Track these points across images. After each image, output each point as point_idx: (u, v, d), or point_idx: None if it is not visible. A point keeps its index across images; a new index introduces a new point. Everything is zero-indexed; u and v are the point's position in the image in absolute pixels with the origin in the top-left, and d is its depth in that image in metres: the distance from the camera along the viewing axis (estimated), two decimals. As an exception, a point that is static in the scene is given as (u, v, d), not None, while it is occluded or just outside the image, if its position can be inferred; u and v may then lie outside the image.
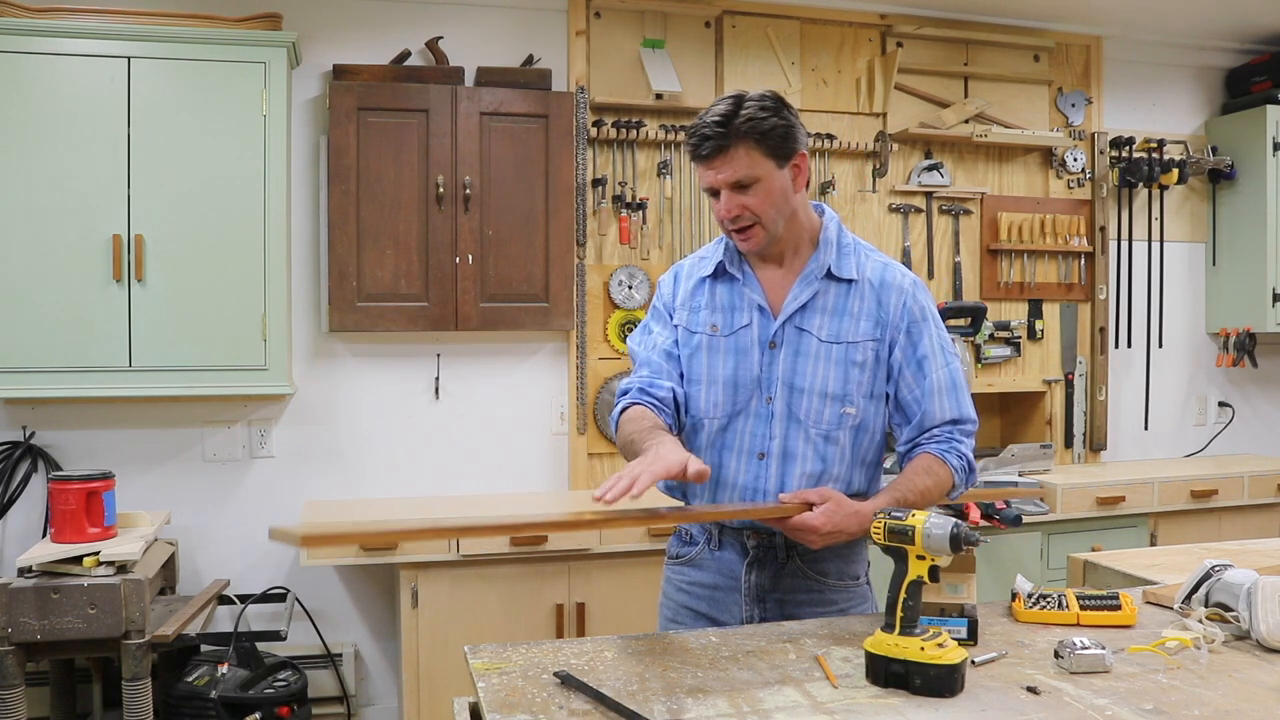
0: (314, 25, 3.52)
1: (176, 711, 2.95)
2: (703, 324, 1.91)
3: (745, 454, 1.86)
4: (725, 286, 1.92)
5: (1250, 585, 1.66)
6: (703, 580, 1.93)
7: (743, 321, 1.88)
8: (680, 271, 2.00)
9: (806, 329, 1.85)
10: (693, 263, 1.99)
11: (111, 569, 2.76)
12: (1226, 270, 4.51)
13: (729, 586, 1.89)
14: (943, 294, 4.17)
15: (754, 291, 1.88)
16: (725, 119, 1.75)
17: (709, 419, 1.88)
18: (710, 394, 1.88)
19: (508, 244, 3.49)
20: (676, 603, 1.97)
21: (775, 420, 1.84)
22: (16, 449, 3.32)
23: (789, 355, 1.85)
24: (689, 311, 1.94)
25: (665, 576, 2.03)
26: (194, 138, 3.14)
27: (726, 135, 1.75)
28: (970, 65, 4.15)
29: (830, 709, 1.37)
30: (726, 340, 1.88)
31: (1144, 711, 1.35)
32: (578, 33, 3.73)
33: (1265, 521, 4.05)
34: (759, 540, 1.87)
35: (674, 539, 2.02)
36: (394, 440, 3.64)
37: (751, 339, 1.87)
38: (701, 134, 1.77)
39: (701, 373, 1.90)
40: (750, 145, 1.75)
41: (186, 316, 3.15)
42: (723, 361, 1.88)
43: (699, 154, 1.79)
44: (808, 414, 1.83)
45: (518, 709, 1.37)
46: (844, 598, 1.90)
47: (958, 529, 1.43)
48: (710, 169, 1.78)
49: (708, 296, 1.92)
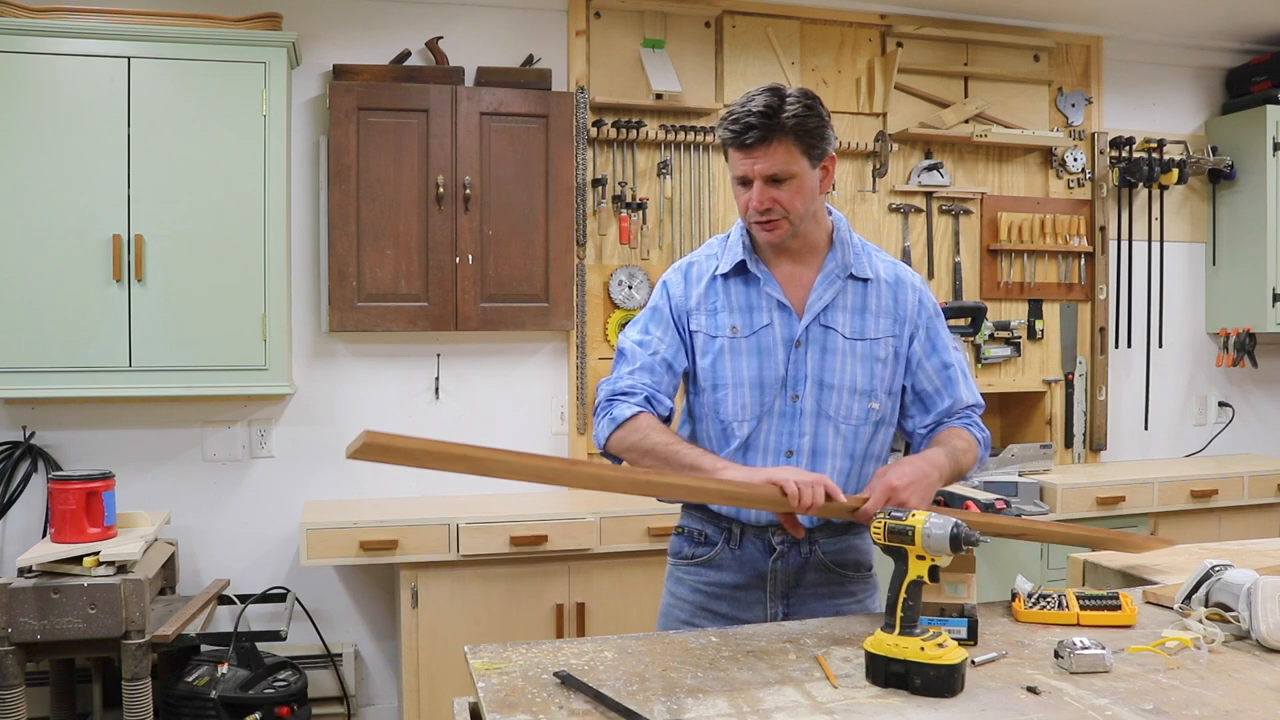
0: (314, 25, 3.52)
1: (176, 711, 2.95)
2: (723, 326, 1.87)
3: (772, 453, 1.85)
4: (740, 285, 1.89)
5: (1250, 585, 1.66)
6: (723, 580, 1.90)
7: (763, 321, 1.86)
8: (689, 272, 1.94)
9: (832, 326, 1.86)
10: (701, 261, 1.94)
11: (111, 569, 2.76)
12: (1226, 270, 4.51)
13: (753, 585, 1.89)
14: (943, 294, 4.17)
15: (774, 290, 1.87)
16: (771, 111, 1.74)
17: (739, 422, 1.86)
18: (737, 397, 1.85)
19: (508, 244, 3.49)
20: (693, 605, 1.92)
21: (805, 418, 1.84)
22: (16, 449, 3.32)
23: (816, 353, 1.85)
24: (706, 315, 1.89)
25: (674, 578, 1.98)
26: (194, 138, 3.14)
27: (771, 128, 1.75)
28: (970, 65, 4.15)
29: (830, 709, 1.37)
30: (748, 341, 1.86)
31: (1144, 711, 1.35)
32: (578, 33, 3.73)
33: (1265, 521, 4.05)
34: (784, 536, 1.86)
35: (681, 539, 1.98)
36: (394, 440, 3.63)
37: (775, 338, 1.85)
38: (746, 123, 1.75)
39: (726, 376, 1.86)
40: (791, 142, 1.76)
41: (186, 316, 3.15)
42: (746, 363, 1.85)
43: (742, 142, 1.76)
44: (838, 410, 1.85)
45: (518, 709, 1.37)
46: (861, 589, 1.94)
47: (958, 529, 1.43)
48: (749, 158, 1.77)
49: (722, 297, 1.89)
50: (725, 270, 1.89)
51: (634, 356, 1.90)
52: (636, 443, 1.81)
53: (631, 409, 1.83)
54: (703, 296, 1.90)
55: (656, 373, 1.88)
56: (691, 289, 1.91)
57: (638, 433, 1.81)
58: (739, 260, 1.88)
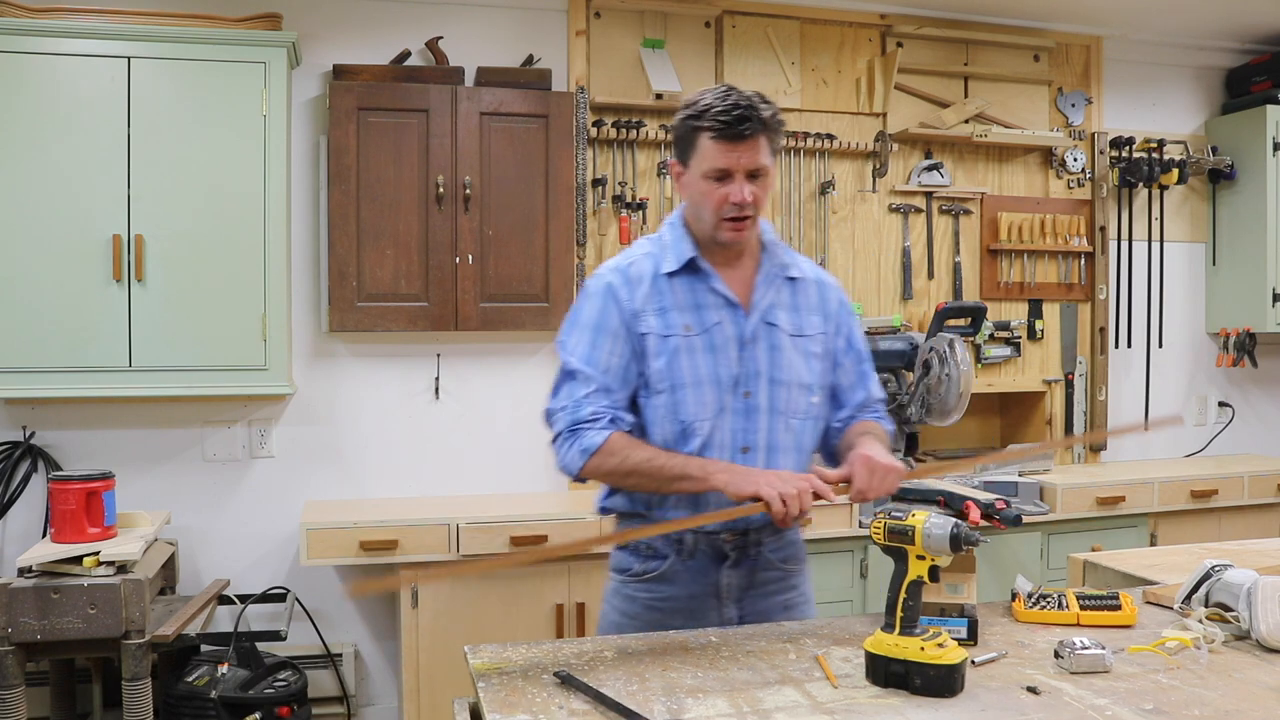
0: (314, 25, 3.52)
1: (176, 711, 2.95)
2: (675, 325, 1.84)
3: (728, 450, 1.85)
4: (685, 283, 1.86)
5: (1250, 585, 1.66)
6: (676, 594, 1.87)
7: (714, 319, 1.85)
8: (628, 273, 1.86)
9: (776, 323, 1.89)
10: (639, 260, 1.88)
11: (111, 569, 2.76)
12: (1226, 270, 4.50)
13: (707, 593, 1.88)
14: (943, 294, 4.17)
15: (721, 286, 1.86)
16: (754, 106, 1.75)
17: (700, 420, 1.84)
18: (697, 395, 1.83)
19: (508, 244, 3.49)
20: (645, 622, 1.87)
21: (759, 414, 1.86)
22: (16, 449, 3.32)
23: (765, 349, 1.87)
24: (655, 315, 1.84)
25: (624, 596, 1.92)
26: (194, 138, 3.14)
27: (759, 122, 1.75)
28: (970, 65, 4.15)
29: (830, 709, 1.37)
30: (701, 339, 1.84)
31: (1144, 711, 1.35)
32: (578, 33, 3.73)
33: (1265, 521, 4.05)
34: (735, 540, 1.87)
35: (628, 555, 1.92)
36: (394, 440, 3.64)
37: (726, 335, 1.85)
38: (738, 114, 1.74)
39: (685, 375, 1.83)
40: (767, 139, 1.78)
41: (186, 316, 3.15)
42: (702, 360, 1.84)
43: (738, 133, 1.74)
44: (788, 405, 1.88)
45: (518, 709, 1.37)
46: (801, 581, 1.98)
47: (958, 529, 1.43)
48: (736, 150, 1.76)
49: (669, 296, 1.85)
50: (672, 268, 1.85)
51: (586, 379, 1.82)
52: (615, 467, 1.79)
53: (601, 434, 1.79)
54: (648, 297, 1.85)
55: (613, 391, 1.83)
56: (635, 290, 1.85)
57: (615, 456, 1.78)
58: (688, 258, 1.85)
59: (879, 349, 3.64)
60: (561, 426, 1.82)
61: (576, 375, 1.83)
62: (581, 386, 1.82)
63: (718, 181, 1.79)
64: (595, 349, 1.83)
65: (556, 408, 1.84)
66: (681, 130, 1.83)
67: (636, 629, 1.86)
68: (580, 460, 1.79)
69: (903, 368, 3.67)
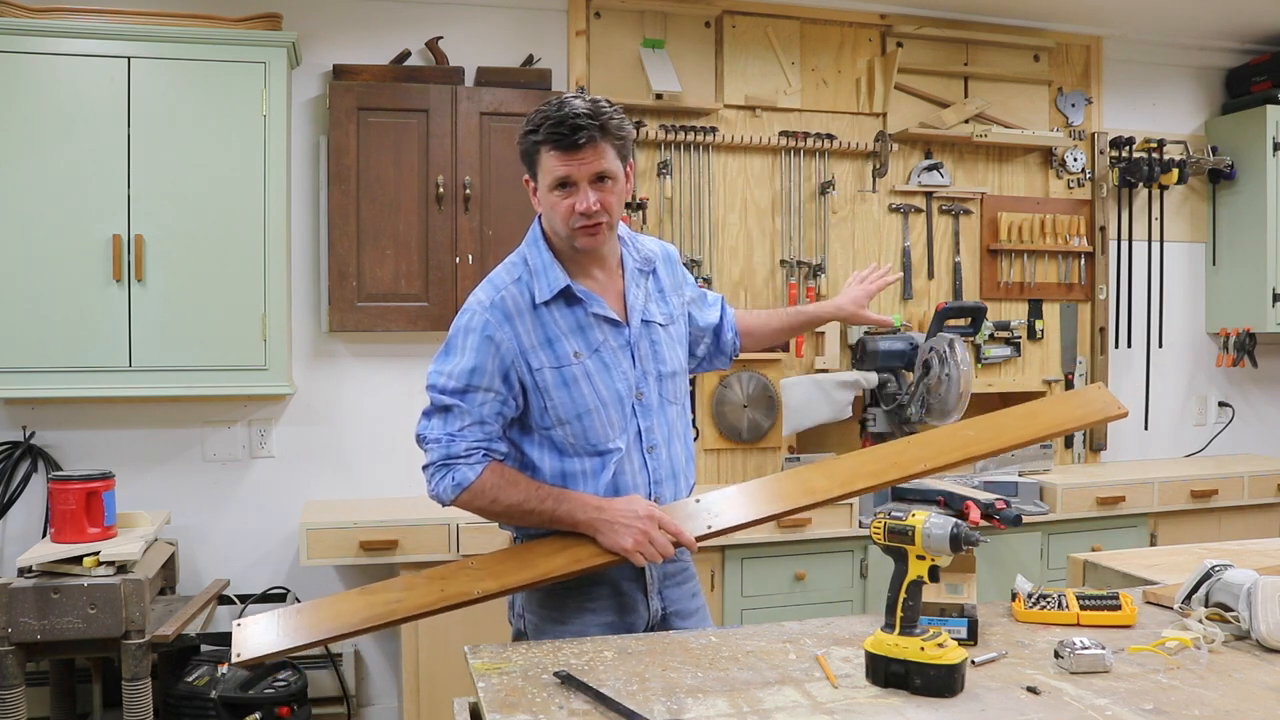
0: (314, 25, 3.52)
1: (176, 711, 2.95)
2: (565, 355, 1.82)
3: (637, 453, 1.88)
4: (563, 309, 1.83)
5: (1250, 585, 1.66)
6: (604, 593, 1.88)
7: (599, 338, 1.85)
8: (504, 308, 1.81)
9: (652, 320, 1.94)
10: (510, 290, 1.83)
11: (111, 569, 2.76)
12: (1226, 270, 4.51)
13: (633, 589, 1.90)
14: (943, 294, 4.17)
15: (600, 308, 1.85)
16: (593, 113, 1.76)
17: (612, 440, 1.85)
18: (604, 416, 1.84)
19: (508, 244, 3.42)
20: (583, 623, 1.87)
21: (653, 411, 1.90)
22: (16, 449, 3.32)
23: (648, 348, 1.91)
24: (543, 349, 1.82)
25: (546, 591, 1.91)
26: (194, 138, 3.14)
27: (596, 129, 1.76)
28: (970, 65, 4.15)
29: (830, 709, 1.37)
30: (593, 360, 1.84)
31: (1144, 711, 1.35)
32: (578, 33, 3.73)
33: (1265, 521, 4.05)
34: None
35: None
36: (394, 440, 3.63)
37: (613, 349, 1.86)
38: (574, 124, 1.74)
39: (587, 401, 1.82)
40: (610, 143, 1.79)
41: (186, 316, 3.15)
42: (600, 382, 1.84)
43: (573, 142, 1.74)
44: (674, 394, 1.95)
45: (518, 709, 1.37)
46: (690, 565, 2.02)
47: (958, 529, 1.43)
48: (575, 159, 1.76)
49: (552, 325, 1.82)
50: (546, 298, 1.82)
51: (460, 412, 1.80)
52: (486, 506, 1.84)
53: (474, 471, 1.80)
54: (531, 330, 1.82)
55: (488, 423, 1.82)
56: (516, 325, 1.81)
57: (485, 496, 1.82)
58: (562, 286, 1.82)
59: (879, 349, 3.65)
60: (435, 458, 1.83)
61: (451, 409, 1.81)
62: (456, 420, 1.81)
63: (562, 191, 1.79)
64: (471, 383, 1.80)
65: (430, 437, 1.83)
66: (525, 145, 1.83)
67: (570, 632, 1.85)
68: (452, 494, 1.84)
69: (903, 368, 3.67)
